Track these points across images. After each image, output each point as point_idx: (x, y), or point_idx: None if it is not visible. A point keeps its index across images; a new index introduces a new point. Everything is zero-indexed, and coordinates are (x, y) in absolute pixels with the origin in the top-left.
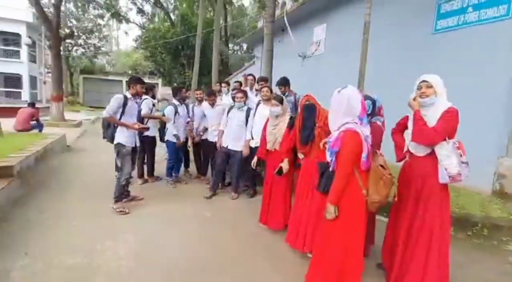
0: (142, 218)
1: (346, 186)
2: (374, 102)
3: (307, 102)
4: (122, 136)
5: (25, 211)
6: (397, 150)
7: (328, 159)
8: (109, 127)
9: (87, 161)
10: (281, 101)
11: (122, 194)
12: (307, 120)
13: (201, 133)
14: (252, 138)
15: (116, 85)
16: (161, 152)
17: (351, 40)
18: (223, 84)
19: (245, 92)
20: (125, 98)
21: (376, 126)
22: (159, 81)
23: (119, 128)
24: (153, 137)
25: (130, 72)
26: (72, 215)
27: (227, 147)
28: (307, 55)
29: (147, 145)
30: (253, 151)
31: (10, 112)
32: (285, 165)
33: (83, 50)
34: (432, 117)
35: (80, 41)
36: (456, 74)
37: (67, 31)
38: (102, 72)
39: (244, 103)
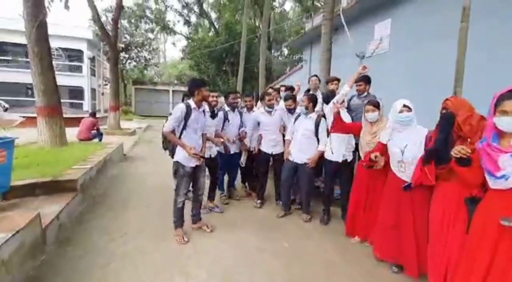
0: (211, 248)
1: None
2: None
3: (443, 111)
4: (182, 153)
5: (89, 231)
6: None
7: None
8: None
9: (144, 171)
10: (377, 106)
11: (181, 218)
12: (440, 134)
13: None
14: (332, 153)
15: (163, 94)
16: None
17: (424, 35)
18: (282, 88)
19: (313, 97)
20: (188, 108)
21: None
22: None
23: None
24: (213, 159)
25: (176, 81)
26: (137, 238)
27: (293, 160)
28: (366, 55)
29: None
30: (331, 165)
31: (73, 122)
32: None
33: (135, 62)
34: None
35: (132, 54)
36: None
37: (123, 45)
38: (151, 83)
39: (307, 108)
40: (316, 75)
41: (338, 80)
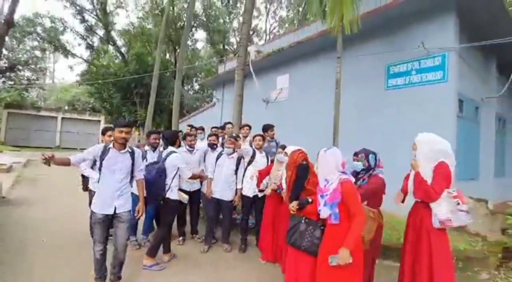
0: None
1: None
2: (375, 155)
3: (304, 162)
4: (93, 200)
5: None
6: (401, 192)
7: (327, 213)
8: (85, 178)
9: (38, 216)
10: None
11: (101, 269)
12: (300, 181)
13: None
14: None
15: (49, 122)
16: None
17: (313, 90)
18: (198, 131)
19: (236, 140)
20: (105, 147)
21: (379, 178)
22: (102, 118)
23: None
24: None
25: (66, 107)
26: None
27: (216, 197)
28: (270, 101)
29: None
30: (246, 199)
31: None
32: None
33: (11, 82)
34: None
35: (8, 73)
36: (404, 125)
37: (6, 64)
38: (34, 108)
39: (234, 150)
40: (230, 122)
41: (250, 127)
